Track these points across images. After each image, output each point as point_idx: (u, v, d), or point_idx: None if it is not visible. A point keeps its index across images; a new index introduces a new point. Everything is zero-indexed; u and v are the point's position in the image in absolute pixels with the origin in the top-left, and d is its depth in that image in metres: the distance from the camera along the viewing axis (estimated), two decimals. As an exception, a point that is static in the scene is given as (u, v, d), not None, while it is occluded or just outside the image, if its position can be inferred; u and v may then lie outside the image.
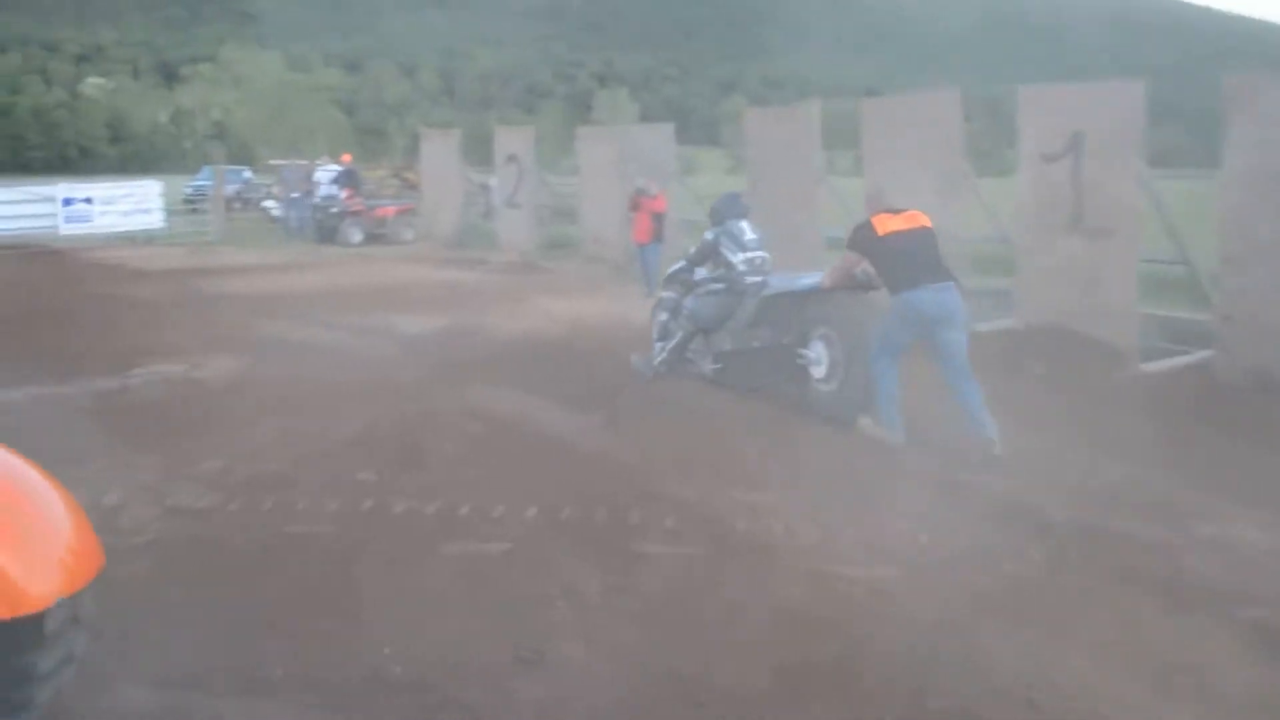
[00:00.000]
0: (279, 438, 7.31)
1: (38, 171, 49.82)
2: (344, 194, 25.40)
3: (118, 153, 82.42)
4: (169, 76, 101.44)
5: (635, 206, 16.24)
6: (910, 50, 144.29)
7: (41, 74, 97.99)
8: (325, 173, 27.57)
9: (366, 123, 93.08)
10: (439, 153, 24.81)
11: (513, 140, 22.22)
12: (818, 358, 8.69)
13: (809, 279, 8.82)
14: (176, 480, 6.39)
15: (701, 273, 9.92)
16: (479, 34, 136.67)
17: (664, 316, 10.19)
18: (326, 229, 24.94)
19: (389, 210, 25.74)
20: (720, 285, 9.57)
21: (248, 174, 40.51)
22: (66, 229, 24.84)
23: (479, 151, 26.43)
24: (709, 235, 9.74)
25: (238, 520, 5.77)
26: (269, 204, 31.61)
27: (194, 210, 29.22)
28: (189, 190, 35.25)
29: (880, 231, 7.91)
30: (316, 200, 26.10)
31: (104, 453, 6.87)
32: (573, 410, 8.23)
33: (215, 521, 5.76)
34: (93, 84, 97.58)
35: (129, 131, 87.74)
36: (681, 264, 10.13)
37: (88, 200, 25.59)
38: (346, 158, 29.58)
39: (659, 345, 10.01)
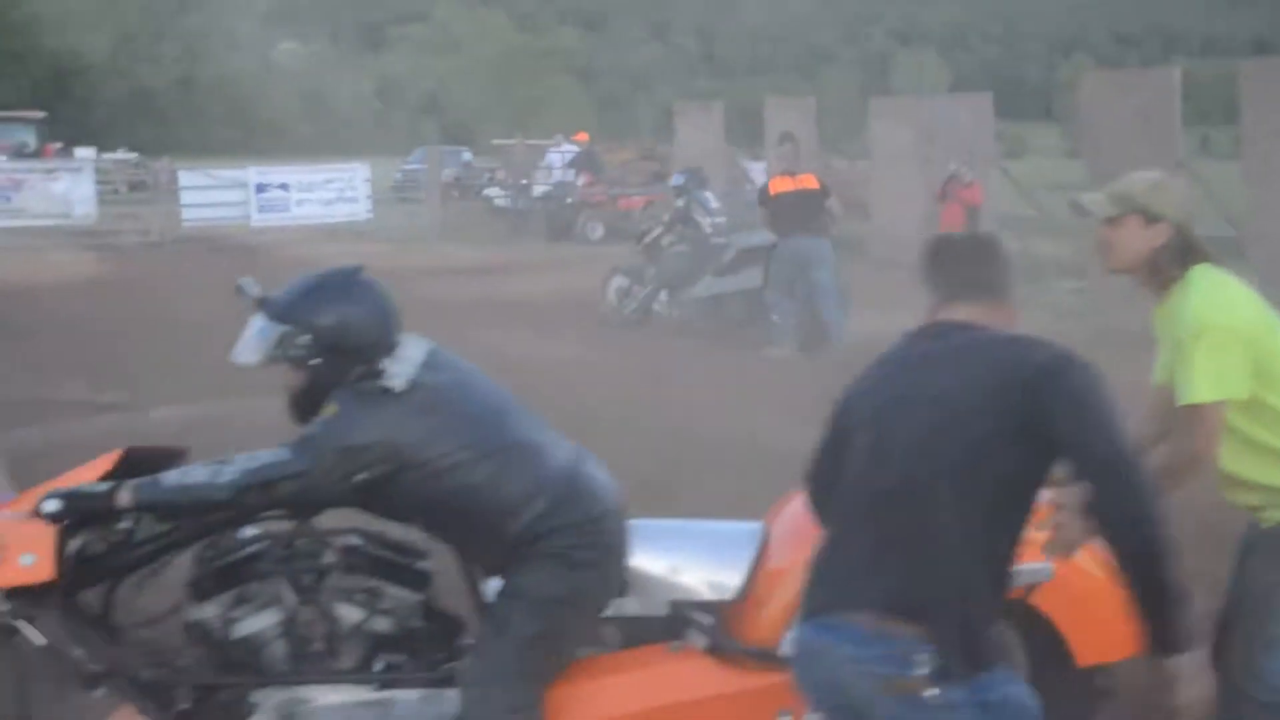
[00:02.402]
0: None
1: (223, 153, 53.44)
2: (581, 181, 26.36)
3: (314, 131, 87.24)
4: (374, 41, 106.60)
5: (945, 196, 16.43)
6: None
7: (228, 38, 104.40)
8: (559, 155, 28.72)
9: (607, 94, 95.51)
10: (697, 131, 25.51)
11: (788, 115, 22.69)
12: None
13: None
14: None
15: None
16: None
17: (624, 281, 14.86)
18: (559, 223, 25.90)
19: (636, 201, 26.38)
20: (685, 246, 14.39)
21: (467, 156, 42.45)
22: (259, 219, 26.75)
23: (745, 129, 27.02)
24: (679, 203, 14.82)
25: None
26: (491, 192, 33.10)
27: (404, 199, 30.90)
28: (398, 176, 37.31)
29: (772, 191, 13.11)
30: (548, 188, 27.23)
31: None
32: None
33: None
34: (286, 50, 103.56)
35: (328, 106, 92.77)
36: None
37: (284, 186, 27.55)
38: (582, 136, 30.65)
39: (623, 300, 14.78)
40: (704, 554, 4.09)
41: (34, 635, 3.97)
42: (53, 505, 3.85)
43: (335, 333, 3.88)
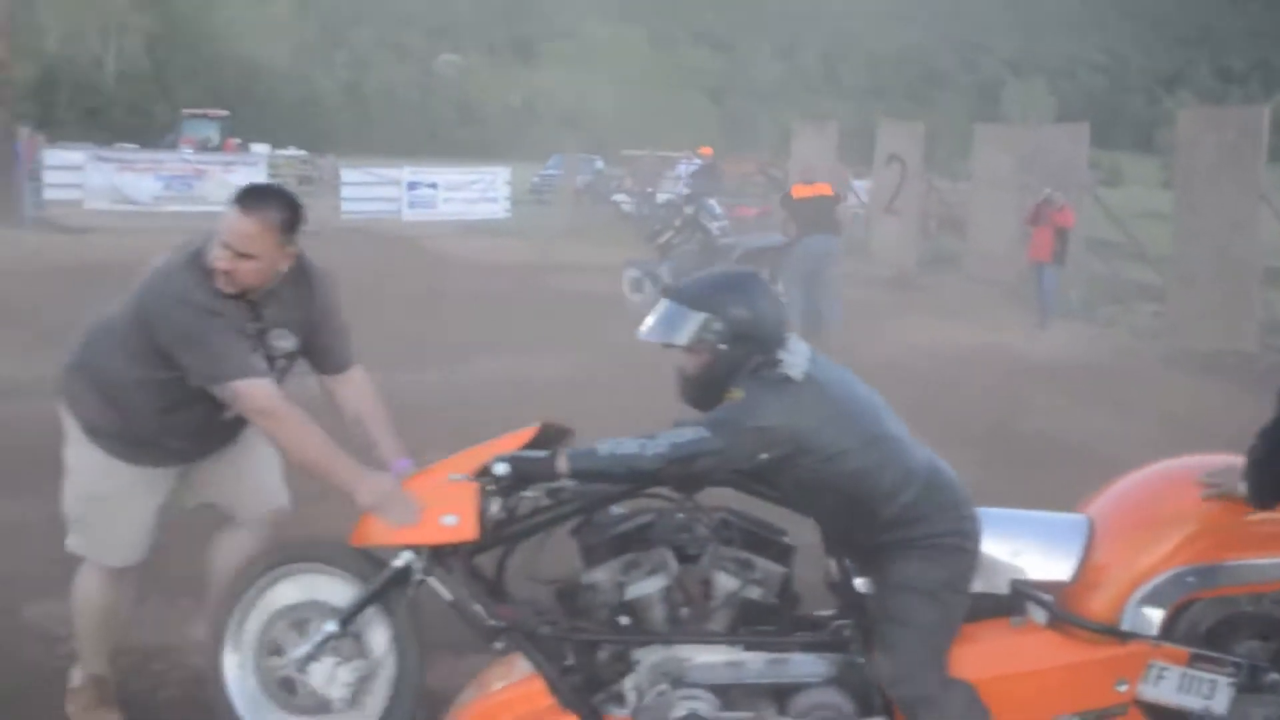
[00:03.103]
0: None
1: (382, 153, 54.43)
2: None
3: (466, 136, 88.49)
4: (525, 54, 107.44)
5: (1037, 219, 16.39)
6: None
7: (394, 49, 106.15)
8: (686, 166, 28.96)
9: (733, 111, 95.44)
10: (812, 149, 25.58)
11: (897, 137, 22.70)
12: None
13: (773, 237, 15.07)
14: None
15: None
16: (874, 9, 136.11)
17: (636, 274, 15.81)
18: (676, 229, 26.16)
19: (749, 211, 26.73)
20: (694, 247, 15.39)
21: (599, 164, 42.79)
22: (410, 214, 27.44)
23: (859, 149, 27.03)
24: (689, 210, 16.06)
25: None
26: (619, 198, 33.41)
27: (539, 201, 31.28)
28: (535, 180, 37.83)
29: (795, 196, 14.33)
30: (672, 197, 27.48)
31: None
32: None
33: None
34: (446, 61, 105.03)
35: (479, 114, 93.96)
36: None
37: (433, 185, 28.25)
38: (706, 151, 30.89)
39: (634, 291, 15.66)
40: (1039, 540, 4.17)
41: (442, 591, 4.20)
42: (503, 468, 4.01)
43: (746, 323, 4.00)
